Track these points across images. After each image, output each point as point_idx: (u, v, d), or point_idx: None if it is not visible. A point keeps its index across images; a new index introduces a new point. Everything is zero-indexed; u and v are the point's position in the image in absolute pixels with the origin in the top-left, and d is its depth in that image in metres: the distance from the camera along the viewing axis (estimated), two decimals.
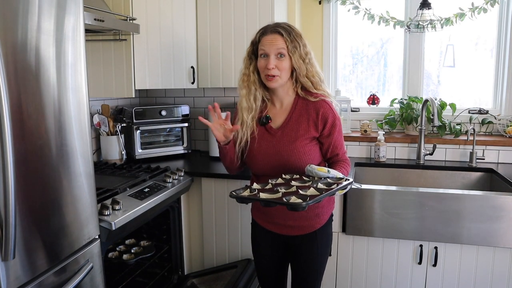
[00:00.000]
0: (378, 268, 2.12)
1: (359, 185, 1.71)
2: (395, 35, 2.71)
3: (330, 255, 2.14)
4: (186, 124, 2.64)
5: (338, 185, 1.39)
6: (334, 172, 1.46)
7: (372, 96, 2.73)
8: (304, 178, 1.48)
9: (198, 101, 2.87)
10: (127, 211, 1.64)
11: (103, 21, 1.75)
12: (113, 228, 1.53)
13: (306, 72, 1.57)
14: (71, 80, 1.29)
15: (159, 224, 2.19)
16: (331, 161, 1.65)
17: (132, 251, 2.01)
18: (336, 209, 2.10)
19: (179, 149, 2.65)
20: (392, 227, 2.03)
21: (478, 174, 2.39)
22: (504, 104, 2.55)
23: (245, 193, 1.42)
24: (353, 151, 2.66)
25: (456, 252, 2.02)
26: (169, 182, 2.02)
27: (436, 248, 2.02)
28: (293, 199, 1.30)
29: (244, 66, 1.64)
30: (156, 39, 2.28)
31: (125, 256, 1.95)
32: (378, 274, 2.13)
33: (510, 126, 2.48)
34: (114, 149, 2.43)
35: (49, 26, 1.19)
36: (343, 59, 2.83)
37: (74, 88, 1.30)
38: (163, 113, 2.53)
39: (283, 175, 1.52)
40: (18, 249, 1.08)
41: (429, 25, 2.48)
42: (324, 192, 1.34)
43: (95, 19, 1.71)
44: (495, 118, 2.54)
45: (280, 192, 1.37)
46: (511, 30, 2.48)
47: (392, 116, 2.65)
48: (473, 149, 2.42)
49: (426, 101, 2.41)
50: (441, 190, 2.00)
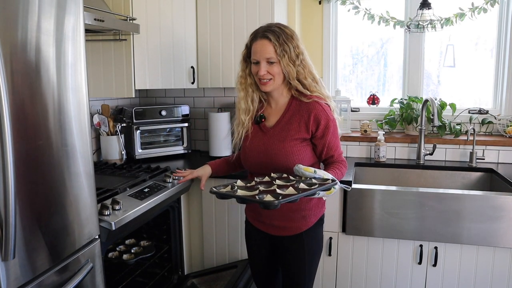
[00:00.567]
0: (378, 268, 2.12)
1: (347, 187, 1.59)
2: (395, 35, 2.71)
3: (329, 255, 2.15)
4: (186, 124, 2.64)
5: (320, 186, 1.37)
6: (320, 173, 1.45)
7: (372, 96, 2.73)
8: (291, 177, 1.47)
9: (198, 101, 2.87)
10: (127, 211, 1.64)
11: (103, 21, 1.75)
12: (113, 228, 1.53)
13: (297, 75, 1.56)
14: (71, 80, 1.29)
15: (159, 224, 2.19)
16: (326, 163, 1.65)
17: (132, 251, 2.01)
18: (336, 209, 2.10)
19: (179, 149, 2.65)
20: (392, 227, 2.03)
21: (478, 174, 2.39)
22: (504, 104, 2.56)
23: (224, 189, 1.42)
24: (353, 151, 2.66)
25: (456, 252, 2.02)
26: (169, 182, 2.02)
27: (436, 248, 2.02)
28: (267, 198, 1.29)
29: (241, 69, 1.66)
30: (156, 39, 2.28)
31: (125, 256, 1.95)
32: (378, 274, 2.13)
33: (510, 126, 2.48)
34: (114, 149, 2.43)
35: (49, 26, 1.19)
36: (343, 59, 2.83)
37: (74, 88, 1.30)
38: (163, 113, 2.53)
39: (271, 174, 1.52)
40: (18, 249, 1.08)
41: (429, 25, 2.48)
42: (301, 192, 1.32)
43: (95, 19, 1.71)
44: (495, 118, 2.54)
45: (257, 190, 1.36)
46: (511, 30, 2.48)
47: (392, 116, 2.65)
48: (473, 149, 2.42)
49: (426, 101, 2.41)
50: (441, 190, 2.00)
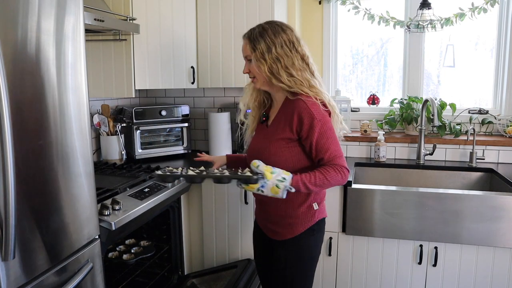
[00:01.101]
0: (378, 268, 2.12)
1: (290, 187, 1.41)
2: (395, 35, 2.71)
3: (329, 255, 2.15)
4: (186, 124, 2.64)
5: (233, 175, 1.46)
6: (262, 169, 1.42)
7: (372, 96, 2.73)
8: (248, 171, 1.49)
9: (198, 101, 2.87)
10: (127, 211, 1.64)
11: (103, 21, 1.75)
12: (113, 228, 1.53)
13: (270, 70, 1.49)
14: (71, 80, 1.29)
15: (159, 224, 2.19)
16: (318, 166, 1.51)
17: (132, 251, 2.01)
18: (336, 209, 2.10)
19: (179, 149, 2.65)
20: (392, 227, 2.03)
21: (478, 174, 2.39)
22: (504, 104, 2.56)
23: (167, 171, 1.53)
24: (353, 151, 2.66)
25: (456, 252, 2.02)
26: (169, 182, 2.02)
27: (436, 248, 2.02)
28: (190, 172, 1.48)
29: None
30: (156, 39, 2.28)
31: (125, 256, 1.95)
32: (378, 274, 2.13)
33: (510, 126, 2.48)
34: (114, 149, 2.43)
35: (49, 26, 1.19)
36: (343, 59, 2.83)
37: (74, 88, 1.30)
38: (163, 113, 2.53)
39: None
40: (18, 249, 1.08)
41: (429, 25, 2.48)
42: (207, 173, 1.48)
43: (95, 19, 1.71)
44: (495, 118, 2.54)
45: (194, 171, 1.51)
46: (511, 30, 2.48)
47: (392, 116, 2.65)
48: (473, 149, 2.42)
49: (426, 101, 2.41)
50: (441, 190, 2.00)
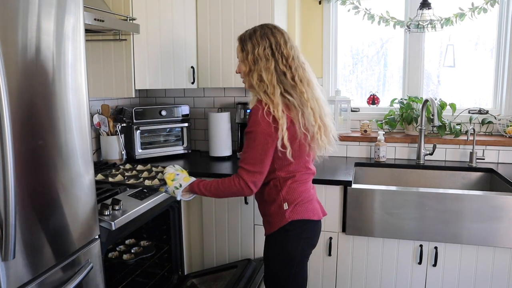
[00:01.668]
0: (378, 268, 2.12)
1: (188, 193, 1.64)
2: (395, 35, 2.71)
3: (329, 255, 2.15)
4: (186, 124, 2.64)
5: (129, 182, 1.81)
6: (165, 176, 1.67)
7: (372, 96, 2.73)
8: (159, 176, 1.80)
9: (198, 101, 2.87)
10: (127, 211, 1.64)
11: (103, 21, 1.75)
12: (113, 228, 1.53)
13: (250, 72, 1.52)
14: (71, 80, 1.29)
15: (159, 224, 2.19)
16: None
17: (132, 251, 2.01)
18: (336, 209, 2.10)
19: (179, 149, 2.65)
20: (392, 227, 2.03)
21: (478, 174, 2.39)
22: (504, 104, 2.56)
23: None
24: (353, 151, 2.66)
25: (456, 252, 2.02)
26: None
27: (436, 248, 2.02)
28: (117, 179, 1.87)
29: None
30: (156, 39, 2.28)
31: (125, 256, 1.95)
32: (378, 274, 2.13)
33: (510, 126, 2.48)
34: (114, 149, 2.42)
35: (49, 26, 1.19)
36: (343, 59, 2.83)
37: (74, 88, 1.30)
38: (163, 113, 2.53)
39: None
40: (18, 249, 1.08)
41: (429, 25, 2.48)
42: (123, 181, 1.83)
43: (95, 19, 1.71)
44: (495, 118, 2.54)
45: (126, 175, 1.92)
46: (511, 30, 2.48)
47: (392, 116, 2.65)
48: (473, 149, 2.42)
49: (426, 101, 2.41)
50: (441, 190, 2.00)
